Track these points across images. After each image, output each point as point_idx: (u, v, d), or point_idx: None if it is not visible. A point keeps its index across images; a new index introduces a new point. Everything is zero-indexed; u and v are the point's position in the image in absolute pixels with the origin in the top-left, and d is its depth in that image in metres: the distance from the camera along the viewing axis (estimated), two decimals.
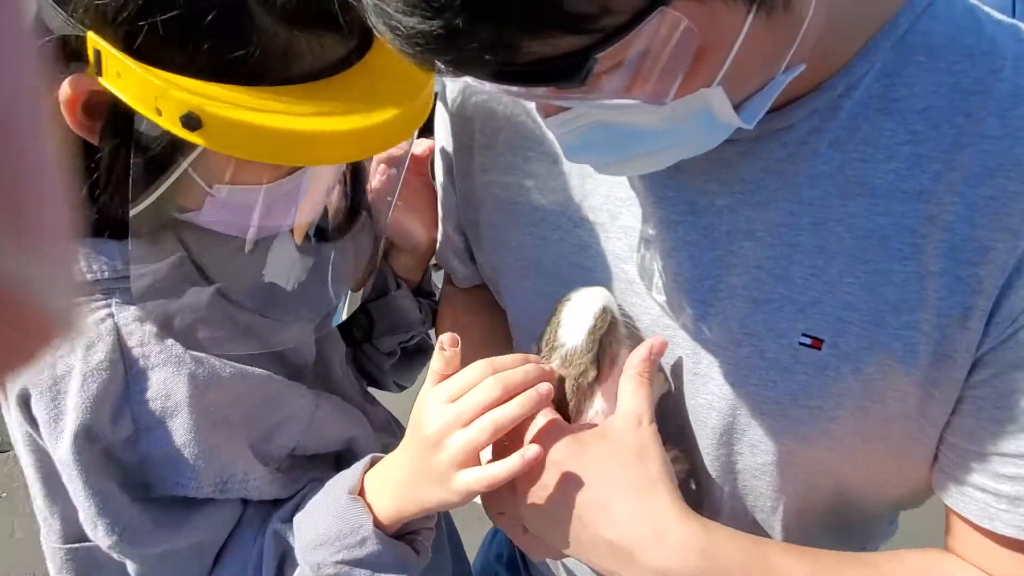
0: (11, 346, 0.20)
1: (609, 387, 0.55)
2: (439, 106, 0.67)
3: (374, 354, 0.80)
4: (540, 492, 0.52)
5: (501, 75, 0.36)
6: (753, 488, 0.56)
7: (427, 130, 0.62)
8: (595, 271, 0.57)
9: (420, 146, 0.71)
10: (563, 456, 0.52)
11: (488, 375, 0.51)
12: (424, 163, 0.74)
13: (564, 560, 0.72)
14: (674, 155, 0.46)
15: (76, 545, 0.62)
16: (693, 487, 0.59)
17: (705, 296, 0.52)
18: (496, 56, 0.35)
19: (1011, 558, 0.48)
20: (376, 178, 0.68)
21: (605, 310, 0.54)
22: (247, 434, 0.60)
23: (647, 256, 0.54)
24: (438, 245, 0.74)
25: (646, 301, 0.55)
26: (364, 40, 0.51)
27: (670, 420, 0.57)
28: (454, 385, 0.53)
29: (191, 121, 0.46)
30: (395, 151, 0.65)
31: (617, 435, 0.51)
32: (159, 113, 0.46)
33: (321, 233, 0.64)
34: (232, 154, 0.49)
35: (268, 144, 0.48)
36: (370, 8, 0.35)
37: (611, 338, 0.54)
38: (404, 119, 0.51)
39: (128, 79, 0.46)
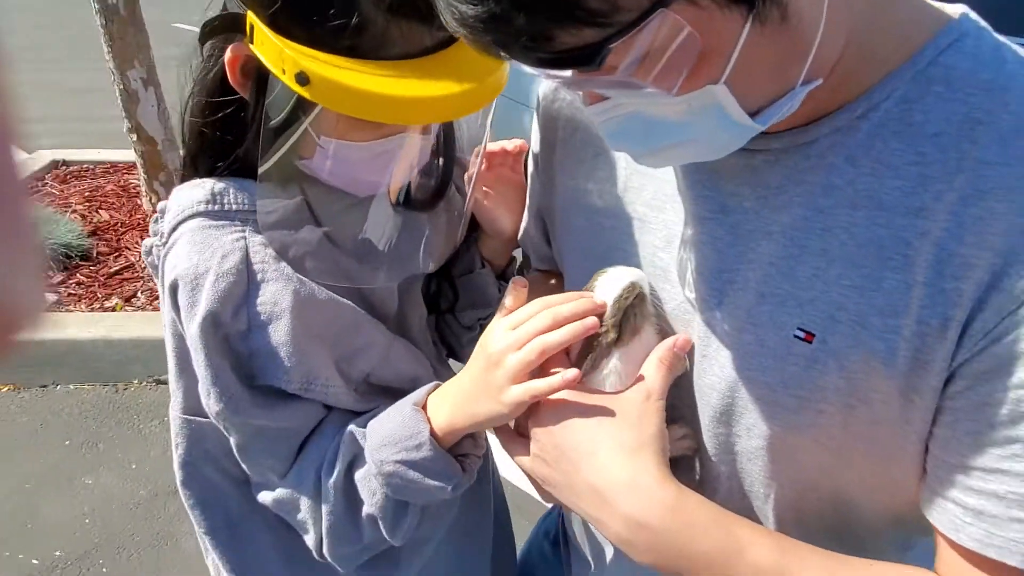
0: None
1: (626, 351, 0.60)
2: (534, 112, 0.75)
3: (455, 325, 0.92)
4: (546, 437, 0.58)
5: (536, 60, 0.42)
6: (749, 472, 0.59)
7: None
8: (635, 258, 0.63)
9: (513, 144, 0.81)
10: (573, 408, 0.58)
11: (545, 309, 0.60)
12: (518, 160, 0.83)
13: (588, 535, 0.78)
14: (697, 150, 0.50)
15: (190, 417, 0.75)
16: (697, 465, 0.62)
17: (722, 287, 0.55)
18: (531, 43, 0.41)
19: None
20: (473, 166, 0.78)
21: (633, 285, 0.59)
22: (332, 351, 0.70)
23: (684, 255, 0.59)
24: (521, 230, 0.83)
25: (675, 287, 0.60)
26: (449, 35, 0.59)
27: (684, 401, 0.61)
28: (516, 316, 0.61)
29: (301, 78, 0.58)
30: (493, 147, 0.78)
31: (625, 401, 0.57)
32: (283, 72, 0.59)
33: (410, 200, 0.75)
34: (327, 106, 0.59)
35: (358, 101, 0.58)
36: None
37: (636, 310, 0.59)
38: (476, 93, 0.60)
39: (267, 46, 0.60)
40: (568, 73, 0.44)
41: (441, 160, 0.77)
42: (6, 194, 0.20)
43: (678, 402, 0.61)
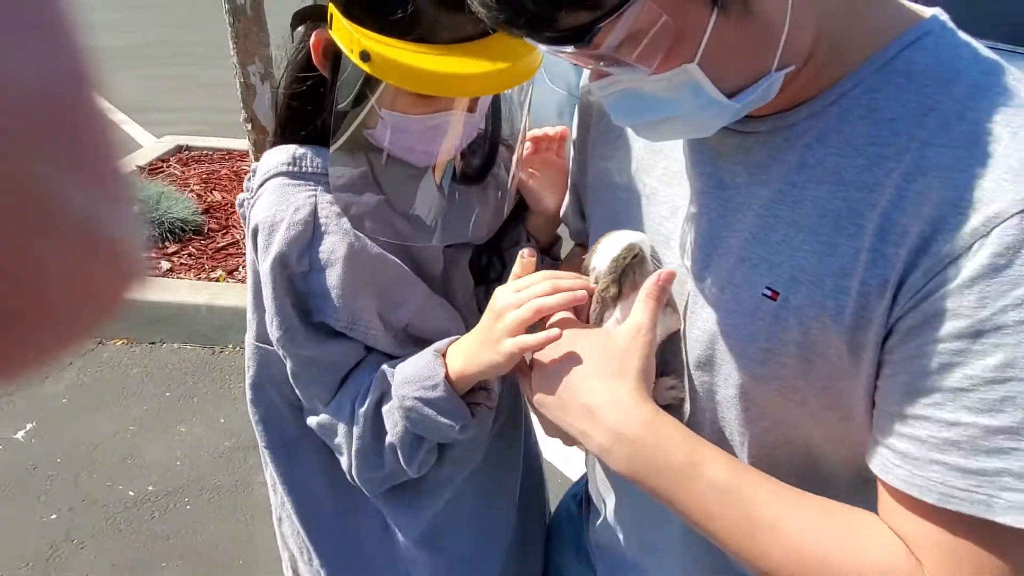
0: (100, 286, 0.22)
1: (626, 304, 0.66)
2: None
3: None
4: (548, 367, 0.66)
5: (543, 38, 0.50)
6: (727, 419, 0.65)
7: None
8: (643, 226, 0.70)
9: (556, 130, 0.92)
10: (571, 342, 0.65)
11: (546, 279, 0.68)
12: (562, 145, 0.94)
13: (600, 487, 0.86)
14: (685, 125, 0.57)
15: (260, 344, 0.86)
16: (685, 412, 0.68)
17: (710, 252, 0.62)
18: (537, 23, 0.49)
19: (904, 516, 0.53)
20: (519, 149, 0.89)
21: (632, 246, 0.66)
22: (377, 299, 0.80)
23: (685, 225, 0.65)
24: (563, 206, 0.92)
25: (675, 253, 0.67)
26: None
27: (676, 356, 0.67)
28: (522, 281, 0.70)
29: (364, 56, 0.70)
30: (539, 132, 0.90)
31: (615, 336, 0.64)
32: (352, 52, 0.71)
33: (458, 174, 0.86)
34: (382, 78, 0.71)
35: (407, 75, 0.69)
36: None
37: (636, 269, 0.66)
38: (510, 72, 0.70)
39: (341, 31, 0.72)
40: (570, 49, 0.52)
41: (487, 140, 0.88)
42: (102, 148, 0.21)
43: (670, 356, 0.68)
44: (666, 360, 0.68)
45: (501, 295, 0.70)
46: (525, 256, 0.72)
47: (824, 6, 0.53)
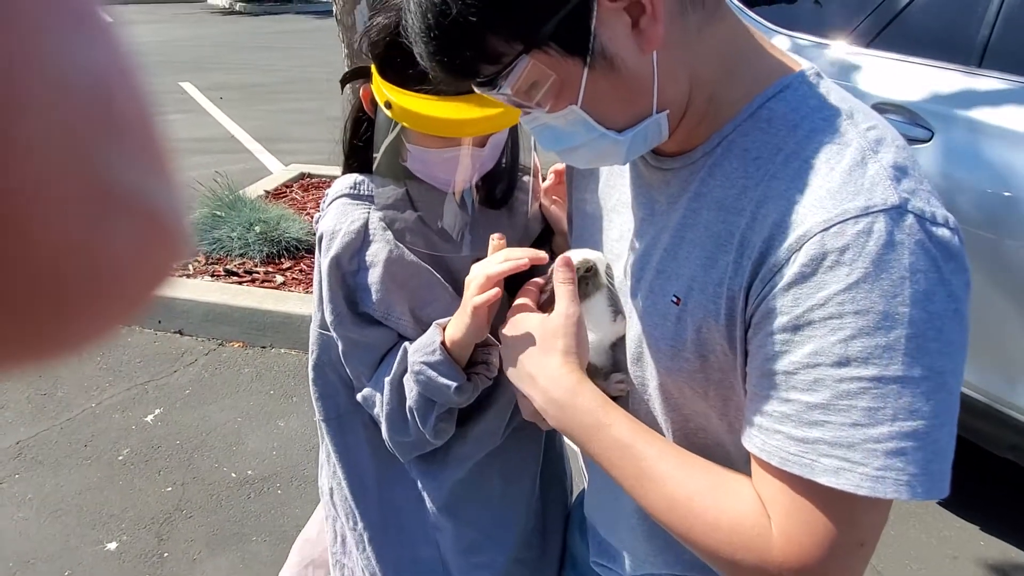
0: (158, 257, 0.23)
1: (585, 307, 0.78)
2: None
3: None
4: (508, 344, 0.80)
5: (475, 83, 0.65)
6: (656, 410, 0.76)
7: None
8: (600, 247, 0.83)
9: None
10: (524, 325, 0.79)
11: (500, 255, 0.84)
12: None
13: (583, 465, 0.99)
14: (592, 153, 0.68)
15: (323, 331, 1.03)
16: (629, 403, 0.79)
17: (642, 267, 0.73)
18: (465, 73, 0.63)
19: (759, 477, 0.62)
20: (537, 179, 1.07)
21: (586, 260, 0.79)
22: (409, 298, 0.98)
23: (627, 248, 0.77)
24: None
25: (620, 269, 0.79)
26: None
27: (623, 355, 0.79)
28: (485, 261, 0.86)
29: (387, 104, 0.91)
30: (559, 167, 1.04)
31: (550, 320, 0.77)
32: (381, 101, 0.92)
33: (476, 199, 1.03)
34: (399, 121, 0.91)
35: (417, 120, 0.89)
36: (415, 41, 0.65)
37: (589, 280, 0.79)
38: (498, 117, 0.88)
39: (376, 84, 0.93)
40: (494, 92, 0.64)
41: (506, 171, 1.05)
42: (149, 127, 0.21)
43: (620, 356, 0.80)
44: (617, 359, 0.81)
45: (471, 272, 0.86)
46: (494, 239, 0.87)
47: (695, 66, 0.65)
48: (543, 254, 0.84)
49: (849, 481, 0.56)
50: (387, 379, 0.96)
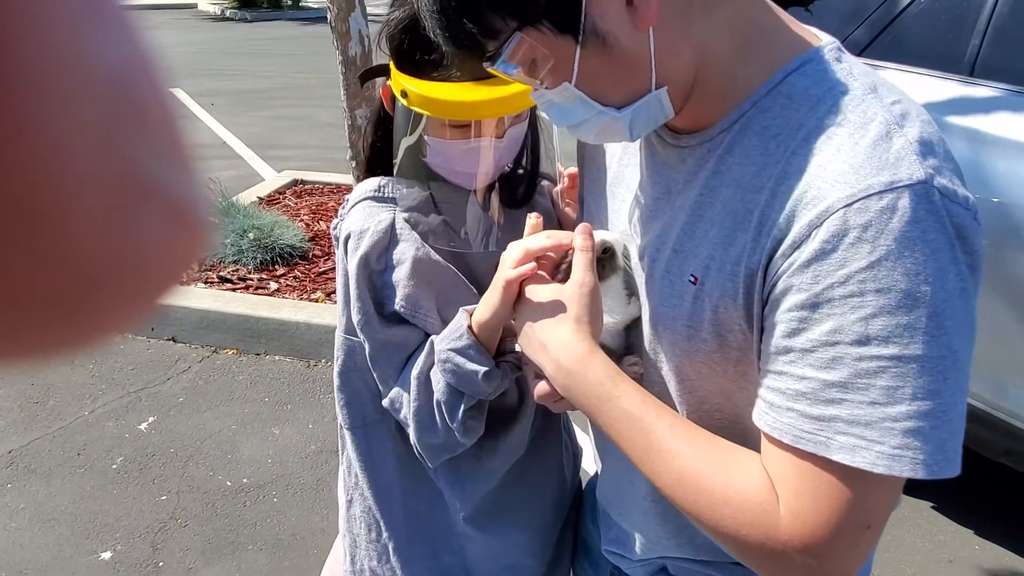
0: (183, 246, 0.23)
1: (604, 288, 0.77)
2: None
3: None
4: (523, 313, 0.78)
5: (485, 59, 0.66)
6: (672, 390, 0.75)
7: None
8: (618, 224, 0.83)
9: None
10: (538, 295, 0.77)
11: (541, 234, 0.80)
12: None
13: (596, 452, 0.99)
14: (596, 128, 0.68)
15: (347, 336, 1.02)
16: (645, 386, 0.75)
17: (659, 247, 0.72)
18: (471, 48, 0.65)
19: (770, 454, 0.62)
20: (559, 181, 1.08)
21: (604, 242, 0.78)
22: (435, 296, 0.97)
23: (643, 228, 0.77)
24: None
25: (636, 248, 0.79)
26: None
27: (638, 337, 0.79)
28: (524, 239, 0.82)
29: (404, 93, 0.92)
30: (573, 169, 1.04)
31: (564, 290, 0.75)
32: (398, 93, 0.93)
33: (498, 198, 1.03)
34: (416, 109, 0.91)
35: (431, 104, 0.90)
36: (425, 19, 0.66)
37: (607, 262, 0.78)
38: (511, 99, 0.89)
39: (393, 78, 0.94)
40: (500, 69, 0.66)
41: (526, 171, 1.06)
42: (170, 119, 0.22)
43: (634, 338, 0.80)
44: (631, 342, 0.81)
45: (508, 249, 0.82)
46: (532, 219, 0.85)
47: (704, 40, 0.64)
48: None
49: (865, 459, 0.56)
50: (414, 374, 0.95)
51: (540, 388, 0.79)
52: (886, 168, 0.57)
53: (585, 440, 1.27)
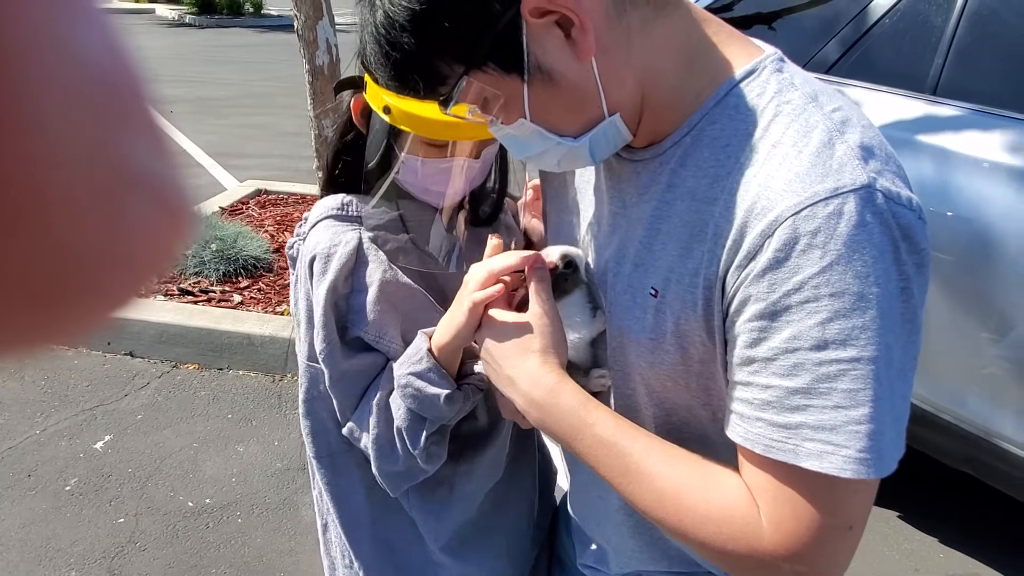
0: (167, 234, 0.23)
1: (560, 305, 0.77)
2: None
3: None
4: (487, 347, 0.77)
5: (438, 103, 0.66)
6: (638, 404, 0.75)
7: None
8: (578, 241, 0.83)
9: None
10: (501, 327, 0.76)
11: (503, 253, 0.80)
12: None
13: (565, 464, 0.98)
14: (556, 158, 0.70)
15: (310, 364, 0.99)
16: (611, 399, 0.78)
17: (620, 261, 0.73)
18: (421, 93, 0.66)
19: (746, 466, 0.63)
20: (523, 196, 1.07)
21: (565, 255, 0.78)
22: (401, 320, 0.95)
23: (604, 243, 0.77)
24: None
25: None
26: None
27: (604, 350, 0.78)
28: (488, 260, 0.81)
29: (386, 109, 0.90)
30: (536, 182, 1.05)
31: (525, 320, 0.75)
32: (378, 108, 0.90)
33: (466, 218, 1.02)
34: (398, 125, 0.89)
35: (416, 123, 0.88)
36: (373, 69, 0.67)
37: (569, 277, 0.78)
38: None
39: (371, 92, 0.92)
40: (467, 112, 0.67)
41: (494, 191, 1.05)
42: (151, 110, 0.22)
43: (600, 351, 0.79)
44: (597, 355, 0.80)
45: (470, 271, 0.81)
46: (493, 240, 0.84)
47: (646, 62, 0.65)
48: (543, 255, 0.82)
49: (833, 464, 0.57)
50: (374, 402, 0.92)
51: (508, 408, 0.78)
52: (830, 175, 0.58)
53: (556, 454, 1.25)
